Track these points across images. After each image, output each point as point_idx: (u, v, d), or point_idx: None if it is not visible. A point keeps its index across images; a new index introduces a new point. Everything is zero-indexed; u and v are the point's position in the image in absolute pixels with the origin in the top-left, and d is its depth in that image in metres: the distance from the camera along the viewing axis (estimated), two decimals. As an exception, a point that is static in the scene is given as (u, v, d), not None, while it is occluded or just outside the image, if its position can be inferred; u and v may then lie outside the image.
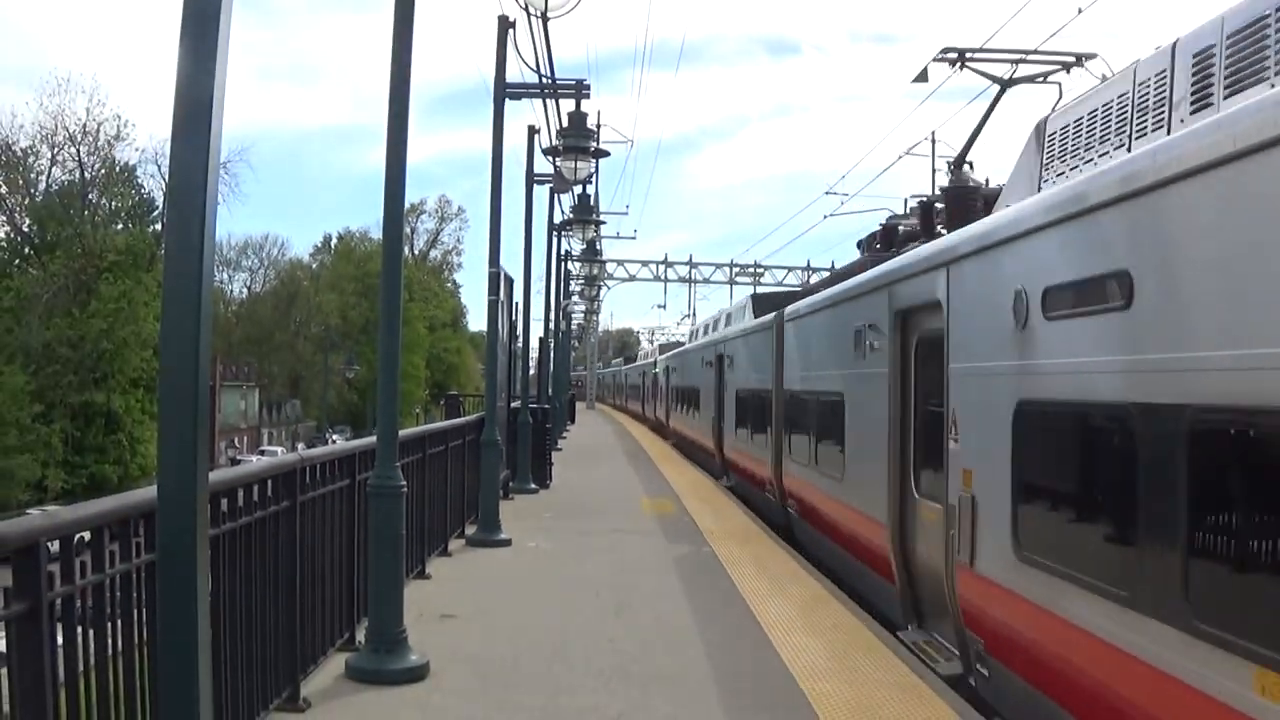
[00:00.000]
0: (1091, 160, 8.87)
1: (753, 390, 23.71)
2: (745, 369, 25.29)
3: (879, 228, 19.21)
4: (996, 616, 8.81)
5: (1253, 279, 5.67)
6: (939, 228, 14.97)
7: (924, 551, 11.20)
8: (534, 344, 36.79)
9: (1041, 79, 14.44)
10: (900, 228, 18.07)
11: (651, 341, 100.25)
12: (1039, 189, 9.65)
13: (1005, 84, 14.68)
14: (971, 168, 15.24)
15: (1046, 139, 10.03)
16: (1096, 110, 9.05)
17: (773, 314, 21.13)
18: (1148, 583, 6.44)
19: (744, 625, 10.84)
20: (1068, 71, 14.18)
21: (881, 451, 12.31)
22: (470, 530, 16.08)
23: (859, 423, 13.89)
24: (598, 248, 46.80)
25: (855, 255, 20.22)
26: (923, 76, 15.90)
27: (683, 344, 48.96)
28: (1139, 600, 6.50)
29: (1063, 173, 9.40)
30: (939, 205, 15.72)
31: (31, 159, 70.94)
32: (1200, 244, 6.19)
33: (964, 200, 13.87)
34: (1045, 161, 9.91)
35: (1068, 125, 9.60)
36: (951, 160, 15.93)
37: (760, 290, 48.18)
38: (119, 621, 5.18)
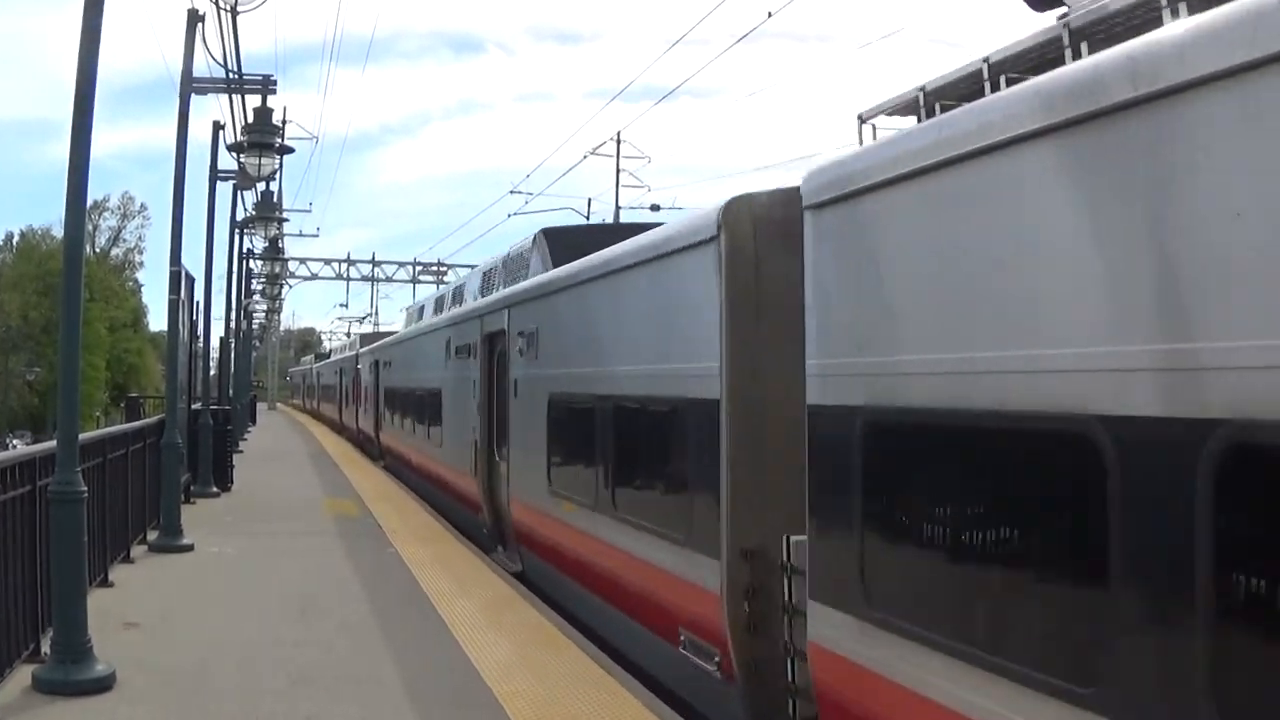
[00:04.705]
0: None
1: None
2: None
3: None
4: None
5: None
6: None
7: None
8: (215, 344, 35.87)
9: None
10: None
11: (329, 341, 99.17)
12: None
13: None
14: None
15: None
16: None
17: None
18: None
19: (430, 625, 11.04)
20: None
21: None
22: (153, 536, 15.75)
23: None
24: (280, 246, 45.89)
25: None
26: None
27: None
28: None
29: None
30: None
31: None
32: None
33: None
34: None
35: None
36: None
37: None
38: None
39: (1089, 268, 4.64)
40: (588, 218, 46.08)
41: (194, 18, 17.89)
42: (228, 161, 23.86)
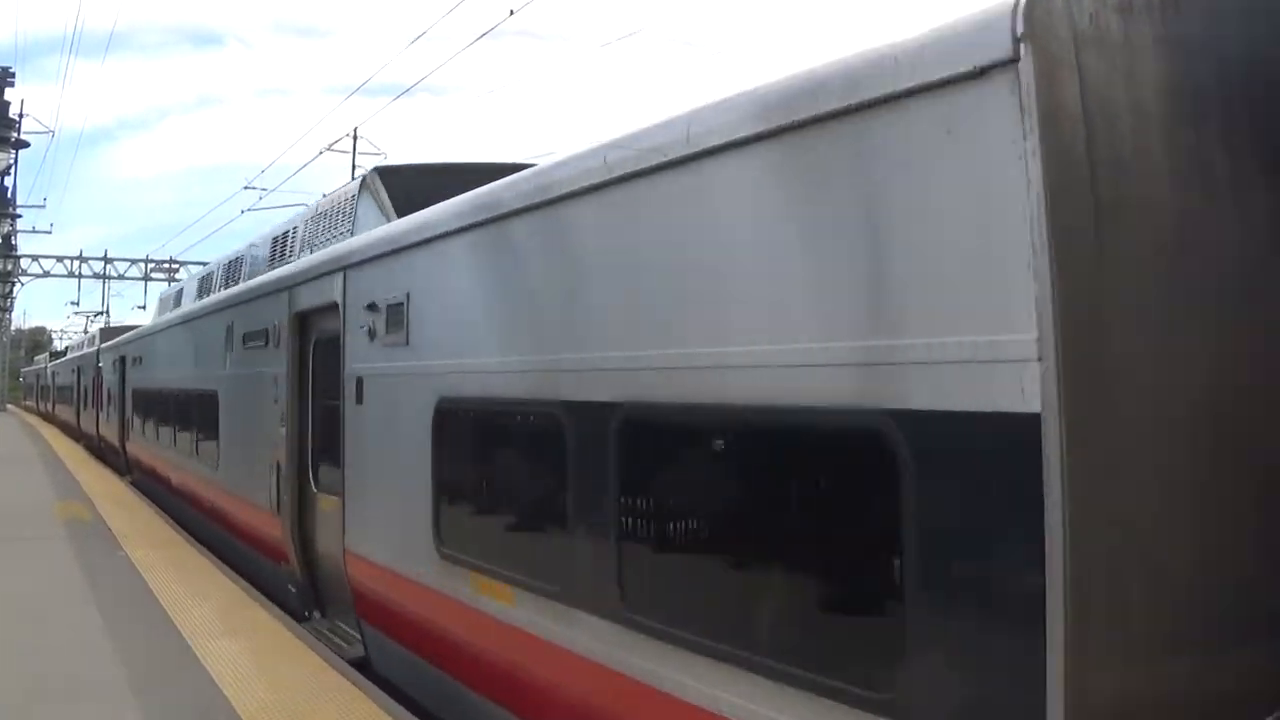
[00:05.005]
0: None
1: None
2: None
3: None
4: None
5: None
6: None
7: None
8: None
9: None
10: None
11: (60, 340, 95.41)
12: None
13: None
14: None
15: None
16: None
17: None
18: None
19: (163, 631, 10.85)
20: None
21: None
22: (-128, 544, 15.13)
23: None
24: (13, 243, 44.18)
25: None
26: None
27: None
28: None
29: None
30: None
31: None
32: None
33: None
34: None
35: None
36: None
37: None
38: None
39: None
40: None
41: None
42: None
